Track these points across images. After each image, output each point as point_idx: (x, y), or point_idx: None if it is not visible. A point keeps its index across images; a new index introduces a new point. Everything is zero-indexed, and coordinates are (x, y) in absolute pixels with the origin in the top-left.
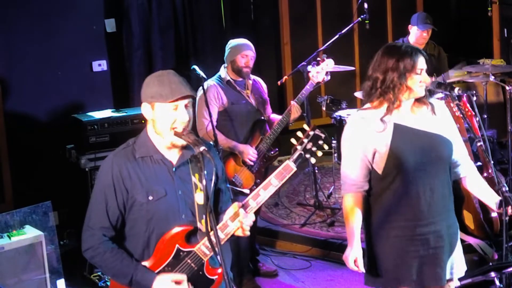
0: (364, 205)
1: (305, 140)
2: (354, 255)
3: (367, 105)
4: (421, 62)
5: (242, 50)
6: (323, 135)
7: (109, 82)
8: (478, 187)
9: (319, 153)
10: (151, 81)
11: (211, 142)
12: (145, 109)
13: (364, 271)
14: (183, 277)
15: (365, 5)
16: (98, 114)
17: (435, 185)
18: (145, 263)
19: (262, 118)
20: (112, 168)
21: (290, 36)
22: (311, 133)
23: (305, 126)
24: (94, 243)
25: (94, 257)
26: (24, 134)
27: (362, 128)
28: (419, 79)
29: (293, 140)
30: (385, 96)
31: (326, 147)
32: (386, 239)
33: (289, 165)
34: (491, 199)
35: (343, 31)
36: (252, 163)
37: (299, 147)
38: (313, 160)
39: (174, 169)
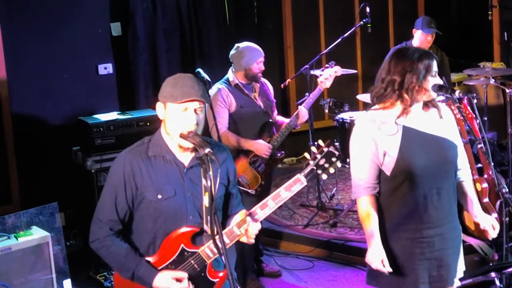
0: None
1: (319, 156)
2: (380, 256)
3: (376, 106)
4: (435, 65)
5: (257, 57)
6: (337, 153)
7: (114, 85)
8: (467, 195)
9: (331, 170)
10: (168, 81)
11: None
12: (159, 108)
13: (391, 270)
14: (184, 274)
15: (367, 9)
16: (104, 117)
17: (442, 188)
18: (149, 259)
19: (270, 120)
20: (124, 165)
21: (293, 39)
22: (325, 149)
23: (320, 142)
24: (100, 235)
25: (100, 248)
26: (31, 136)
27: (372, 129)
28: (434, 81)
29: (306, 155)
30: (402, 98)
31: (339, 164)
32: (393, 241)
33: (299, 179)
34: (474, 210)
35: (345, 35)
36: (267, 157)
37: (311, 162)
38: (324, 176)
39: (185, 170)
